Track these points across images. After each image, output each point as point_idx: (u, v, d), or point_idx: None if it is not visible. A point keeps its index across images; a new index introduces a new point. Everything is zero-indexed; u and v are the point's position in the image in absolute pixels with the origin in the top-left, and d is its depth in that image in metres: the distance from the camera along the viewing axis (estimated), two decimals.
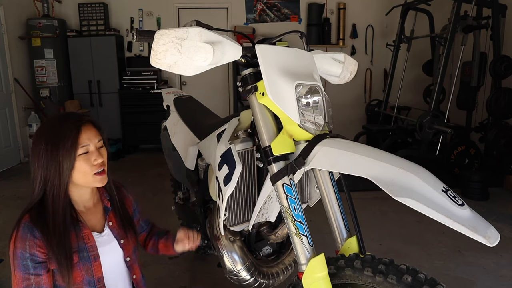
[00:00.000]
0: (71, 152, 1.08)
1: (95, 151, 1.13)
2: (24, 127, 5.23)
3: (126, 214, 1.31)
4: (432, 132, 4.04)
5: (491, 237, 0.82)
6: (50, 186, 1.09)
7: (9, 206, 3.50)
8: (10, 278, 1.08)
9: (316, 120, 1.13)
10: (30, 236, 1.06)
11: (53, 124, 1.12)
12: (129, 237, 1.27)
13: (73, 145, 1.08)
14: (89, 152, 1.12)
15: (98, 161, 1.13)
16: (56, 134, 1.08)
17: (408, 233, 2.86)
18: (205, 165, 1.66)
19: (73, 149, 1.08)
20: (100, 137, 1.16)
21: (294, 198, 1.09)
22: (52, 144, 1.08)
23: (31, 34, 5.25)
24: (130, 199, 1.39)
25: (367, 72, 6.22)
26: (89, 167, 1.11)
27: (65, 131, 1.08)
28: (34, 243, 1.05)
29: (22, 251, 1.05)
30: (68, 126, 1.09)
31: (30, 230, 1.06)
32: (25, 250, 1.05)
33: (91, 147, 1.13)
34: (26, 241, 1.05)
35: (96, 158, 1.12)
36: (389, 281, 0.95)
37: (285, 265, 1.57)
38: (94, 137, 1.13)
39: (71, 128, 1.09)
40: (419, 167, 0.94)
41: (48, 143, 1.08)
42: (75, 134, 1.09)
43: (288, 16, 6.06)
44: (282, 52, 1.17)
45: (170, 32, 0.97)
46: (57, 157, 1.07)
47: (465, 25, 4.09)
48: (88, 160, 1.11)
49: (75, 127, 1.10)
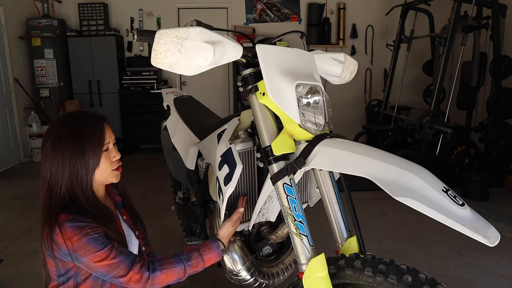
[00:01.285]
0: (98, 150, 1.13)
1: (113, 149, 1.19)
2: (24, 127, 5.24)
3: (133, 208, 1.38)
4: (432, 132, 4.05)
5: (492, 237, 0.82)
6: (78, 184, 1.12)
7: (9, 206, 3.50)
8: (10, 279, 1.08)
9: (316, 120, 1.14)
10: (84, 224, 1.07)
11: (72, 124, 1.14)
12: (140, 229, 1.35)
13: (100, 143, 1.13)
14: (109, 149, 1.17)
15: (117, 158, 1.19)
16: (81, 133, 1.11)
17: (408, 233, 2.86)
18: (205, 165, 1.66)
19: (99, 147, 1.13)
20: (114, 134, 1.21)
21: (294, 198, 1.09)
22: (79, 143, 1.10)
23: (31, 34, 5.25)
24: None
25: (367, 72, 6.22)
26: (109, 163, 1.17)
27: (91, 130, 1.13)
28: (92, 226, 1.07)
29: (87, 236, 1.05)
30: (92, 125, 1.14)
31: (78, 221, 1.07)
32: (89, 235, 1.06)
33: (111, 145, 1.18)
34: (84, 229, 1.06)
35: (115, 155, 1.18)
36: (390, 281, 0.96)
37: (285, 265, 1.57)
38: (112, 134, 1.20)
39: (96, 127, 1.14)
40: (419, 167, 0.94)
41: (74, 143, 1.10)
42: (100, 132, 1.14)
43: (288, 16, 6.06)
44: (283, 52, 1.17)
45: (170, 32, 0.97)
46: (84, 155, 1.10)
47: (465, 25, 4.10)
48: (108, 157, 1.16)
49: (99, 126, 1.15)
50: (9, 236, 2.70)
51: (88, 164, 1.11)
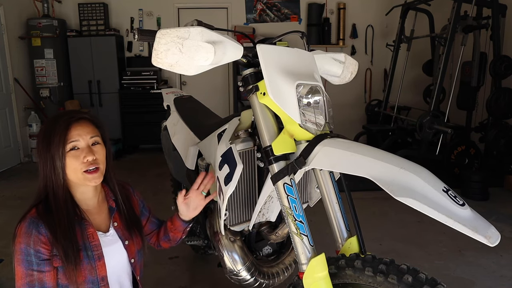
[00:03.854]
0: (59, 148, 1.08)
1: (85, 148, 1.11)
2: (24, 127, 5.24)
3: (132, 215, 1.29)
4: (432, 132, 4.05)
5: (492, 237, 0.82)
6: (49, 182, 1.11)
7: (9, 206, 3.50)
8: (10, 279, 1.08)
9: (317, 120, 1.13)
10: (35, 232, 1.05)
11: (50, 120, 1.14)
12: (134, 239, 1.25)
13: (61, 141, 1.08)
14: (79, 148, 1.11)
15: (88, 159, 1.10)
16: (49, 130, 1.10)
17: (408, 233, 2.87)
18: (206, 165, 1.66)
19: (61, 145, 1.08)
20: (94, 134, 1.14)
21: (294, 198, 1.09)
22: (46, 139, 1.10)
23: (31, 34, 5.25)
24: (136, 199, 1.37)
25: (367, 72, 6.22)
26: (78, 164, 1.10)
27: (56, 127, 1.10)
28: (39, 239, 1.05)
29: (26, 246, 1.04)
30: (59, 122, 1.10)
31: (35, 225, 1.06)
32: (29, 246, 1.04)
33: (81, 144, 1.11)
34: (30, 237, 1.04)
35: (85, 155, 1.10)
36: (390, 281, 0.95)
37: (286, 265, 1.57)
38: (86, 133, 1.12)
39: (61, 124, 1.10)
40: (420, 167, 0.94)
41: (44, 139, 1.10)
42: (63, 129, 1.09)
43: (288, 16, 6.06)
44: (283, 52, 1.17)
45: (171, 31, 0.97)
46: (49, 152, 1.09)
47: (465, 25, 4.10)
48: (77, 157, 1.10)
49: (65, 123, 1.10)
50: (9, 236, 2.68)
51: (55, 163, 1.09)
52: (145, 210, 1.41)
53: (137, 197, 1.38)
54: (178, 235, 1.40)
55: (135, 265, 1.27)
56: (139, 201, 1.38)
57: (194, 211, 1.36)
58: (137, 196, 1.39)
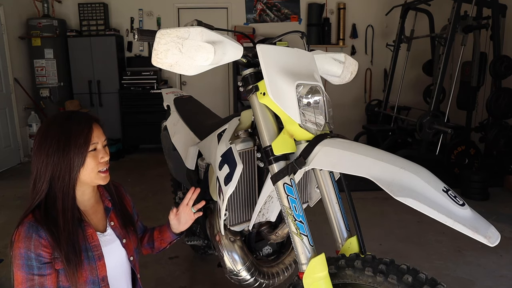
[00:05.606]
0: (83, 149, 1.10)
1: (102, 149, 1.16)
2: (24, 127, 5.23)
3: (127, 214, 1.32)
4: (432, 132, 4.05)
5: (492, 237, 0.82)
6: (60, 183, 1.10)
7: (9, 206, 3.50)
8: (9, 279, 1.08)
9: (316, 120, 1.14)
10: (35, 235, 1.05)
11: (61, 122, 1.13)
12: (130, 237, 1.28)
13: (86, 142, 1.11)
14: (97, 149, 1.15)
15: (105, 159, 1.16)
16: (67, 132, 1.10)
17: (408, 233, 2.87)
18: (206, 165, 1.66)
19: (85, 146, 1.11)
20: (105, 136, 1.19)
21: (294, 198, 1.09)
22: (64, 141, 1.09)
23: (31, 34, 5.25)
24: (129, 199, 1.40)
25: (367, 72, 6.22)
26: (96, 164, 1.14)
27: (78, 129, 1.11)
28: (40, 243, 1.05)
29: (27, 251, 1.04)
30: (80, 123, 1.12)
31: (35, 229, 1.06)
32: (30, 250, 1.04)
33: (99, 145, 1.16)
34: (31, 241, 1.04)
35: (103, 156, 1.15)
36: (390, 281, 0.96)
37: (285, 265, 1.57)
38: (101, 135, 1.17)
39: (83, 126, 1.12)
40: (419, 167, 0.94)
41: (60, 140, 1.09)
42: (87, 131, 1.12)
43: (288, 16, 6.06)
44: (283, 52, 1.17)
45: (171, 31, 0.97)
46: (68, 153, 1.09)
47: (465, 25, 4.10)
48: (96, 157, 1.14)
49: (87, 124, 1.13)
50: (9, 236, 2.69)
51: (73, 163, 1.09)
52: (135, 213, 1.43)
53: (129, 198, 1.41)
54: (163, 245, 1.45)
55: (134, 262, 1.29)
56: (131, 202, 1.41)
57: (185, 225, 1.39)
58: (129, 197, 1.41)
